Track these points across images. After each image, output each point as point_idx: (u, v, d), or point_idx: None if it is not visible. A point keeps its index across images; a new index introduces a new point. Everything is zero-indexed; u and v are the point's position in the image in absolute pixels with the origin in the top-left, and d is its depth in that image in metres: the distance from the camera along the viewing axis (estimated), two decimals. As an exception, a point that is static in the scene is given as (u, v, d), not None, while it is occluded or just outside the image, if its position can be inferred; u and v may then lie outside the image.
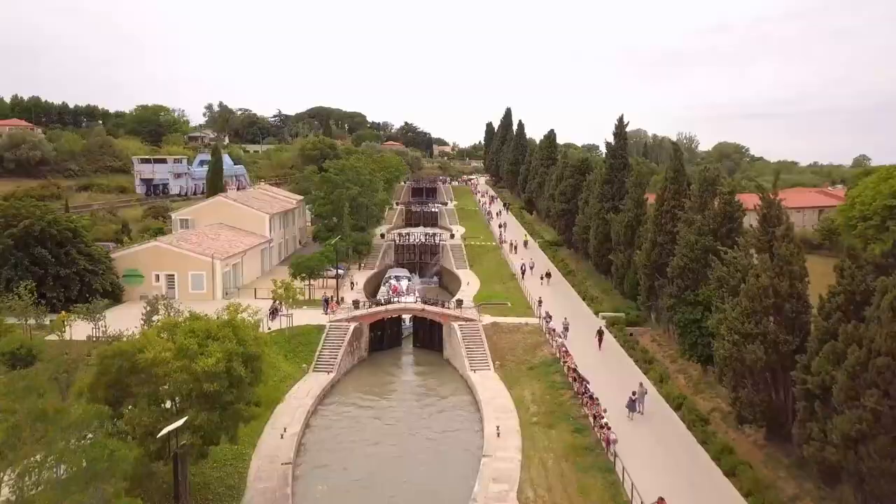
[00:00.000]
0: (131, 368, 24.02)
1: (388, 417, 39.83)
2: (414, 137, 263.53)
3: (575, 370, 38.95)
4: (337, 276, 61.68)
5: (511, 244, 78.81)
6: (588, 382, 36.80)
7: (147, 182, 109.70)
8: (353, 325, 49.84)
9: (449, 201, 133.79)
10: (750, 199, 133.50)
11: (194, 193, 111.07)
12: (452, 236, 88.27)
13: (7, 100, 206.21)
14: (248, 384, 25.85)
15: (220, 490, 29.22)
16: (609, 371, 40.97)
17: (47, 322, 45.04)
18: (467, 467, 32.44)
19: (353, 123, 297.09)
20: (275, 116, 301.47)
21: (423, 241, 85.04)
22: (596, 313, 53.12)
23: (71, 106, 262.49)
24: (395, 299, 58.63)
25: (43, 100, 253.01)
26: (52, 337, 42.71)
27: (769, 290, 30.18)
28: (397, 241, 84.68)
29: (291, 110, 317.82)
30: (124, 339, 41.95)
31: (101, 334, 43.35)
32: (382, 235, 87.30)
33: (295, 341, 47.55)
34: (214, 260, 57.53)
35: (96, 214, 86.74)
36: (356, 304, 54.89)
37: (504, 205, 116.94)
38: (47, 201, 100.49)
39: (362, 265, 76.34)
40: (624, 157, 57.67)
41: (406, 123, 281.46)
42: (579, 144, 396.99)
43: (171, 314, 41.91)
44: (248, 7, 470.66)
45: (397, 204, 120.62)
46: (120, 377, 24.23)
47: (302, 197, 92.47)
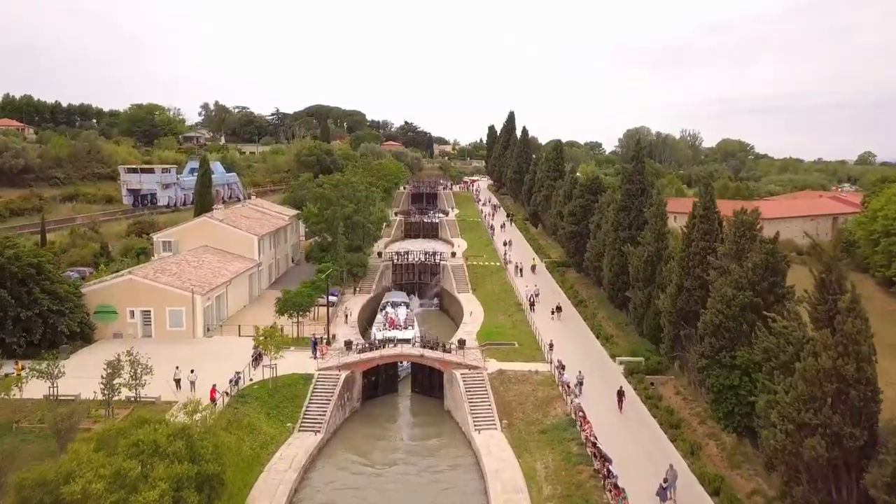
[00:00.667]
0: None
1: (381, 495, 35.06)
2: (414, 137, 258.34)
3: (595, 444, 34.13)
4: (328, 305, 56.89)
5: (517, 266, 73.91)
6: (610, 462, 31.99)
7: (134, 192, 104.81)
8: (344, 374, 45.02)
9: (450, 209, 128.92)
10: (768, 208, 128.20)
11: (184, 204, 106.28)
12: (454, 254, 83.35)
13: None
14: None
15: None
16: (633, 440, 36.17)
17: (3, 376, 40.28)
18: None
19: (352, 122, 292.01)
20: (273, 115, 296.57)
21: (423, 260, 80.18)
22: (612, 356, 48.32)
23: (64, 105, 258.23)
24: (392, 335, 53.94)
25: (35, 99, 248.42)
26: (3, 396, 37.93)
27: (831, 374, 25.41)
28: (395, 261, 79.80)
29: (290, 108, 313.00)
30: (78, 402, 37.71)
31: (59, 393, 38.65)
32: (379, 254, 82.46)
33: (279, 395, 42.74)
34: (195, 295, 52.68)
35: (76, 231, 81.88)
36: (348, 345, 50.12)
37: (507, 215, 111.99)
38: (27, 214, 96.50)
39: (357, 289, 71.50)
40: (642, 182, 52.72)
41: (406, 123, 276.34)
42: (582, 142, 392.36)
43: (136, 373, 37.22)
44: (248, 5, 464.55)
45: (396, 214, 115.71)
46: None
47: (295, 212, 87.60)
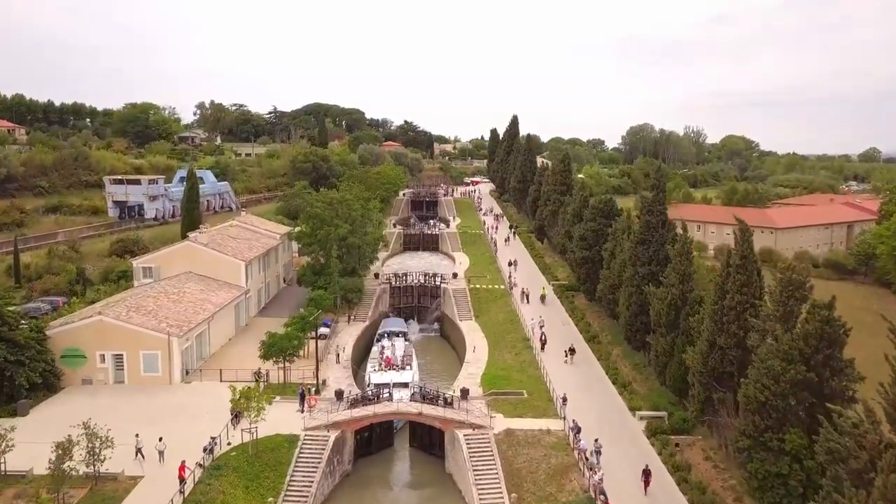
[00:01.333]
0: None
1: None
2: (414, 137, 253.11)
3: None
4: (319, 340, 52.14)
5: (523, 292, 69.05)
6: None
7: (120, 204, 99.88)
8: (333, 435, 40.29)
9: (451, 218, 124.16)
10: (781, 216, 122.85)
11: (172, 216, 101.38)
12: (455, 275, 78.48)
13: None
14: None
15: None
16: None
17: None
18: None
19: (351, 120, 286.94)
20: (270, 113, 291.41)
21: (423, 282, 75.43)
22: (632, 410, 43.58)
23: (57, 104, 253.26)
24: (387, 378, 49.28)
25: (28, 98, 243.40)
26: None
27: (922, 498, 20.68)
28: (393, 283, 75.04)
29: (288, 107, 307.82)
30: (29, 479, 33.07)
31: (6, 468, 33.96)
32: (376, 275, 77.62)
33: (260, 462, 37.98)
34: (171, 338, 47.93)
35: (54, 251, 77.04)
36: (339, 395, 45.43)
37: (511, 227, 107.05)
38: (7, 230, 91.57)
39: (352, 317, 66.73)
40: (663, 213, 47.82)
41: (406, 122, 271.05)
42: (584, 140, 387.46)
43: (95, 449, 32.50)
44: (247, 3, 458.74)
45: (395, 225, 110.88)
46: None
47: (288, 230, 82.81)
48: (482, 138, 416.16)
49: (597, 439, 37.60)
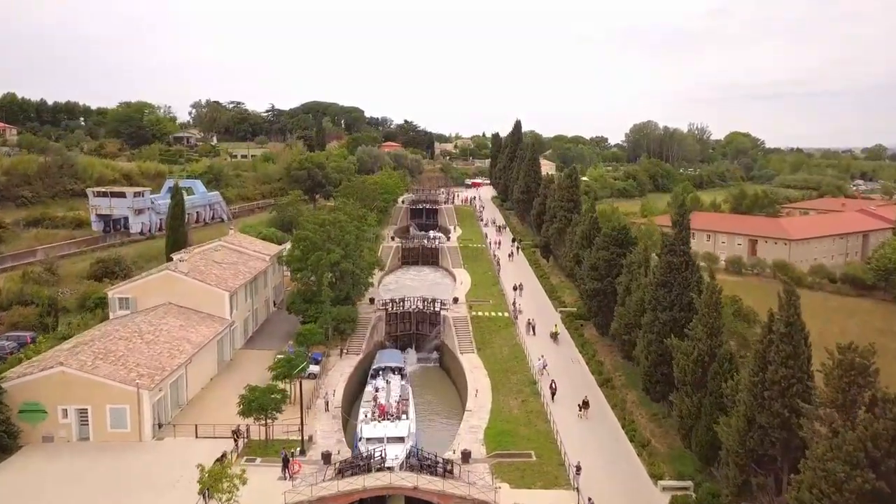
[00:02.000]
0: None
1: None
2: (414, 137, 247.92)
3: None
4: (303, 392, 47.48)
5: (529, 323, 64.30)
6: None
7: (104, 218, 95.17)
8: (318, 513, 35.67)
9: (451, 227, 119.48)
10: (795, 226, 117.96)
11: (159, 230, 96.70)
12: (456, 300, 73.70)
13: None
14: None
15: None
16: None
17: None
18: None
19: (351, 119, 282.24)
20: (268, 111, 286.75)
21: (421, 307, 70.69)
22: (653, 477, 38.92)
23: (50, 103, 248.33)
24: (380, 432, 44.73)
25: (20, 97, 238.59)
26: None
27: None
28: (389, 310, 70.30)
29: (286, 105, 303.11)
30: None
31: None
32: (372, 300, 72.86)
33: (233, 550, 33.40)
34: (141, 391, 43.27)
35: (29, 274, 72.36)
36: (326, 458, 40.83)
37: (514, 241, 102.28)
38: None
39: (345, 350, 62.04)
40: (686, 253, 43.03)
41: (406, 122, 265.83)
42: (587, 137, 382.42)
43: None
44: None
45: (393, 238, 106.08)
46: None
47: (279, 248, 78.11)
48: (483, 135, 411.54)
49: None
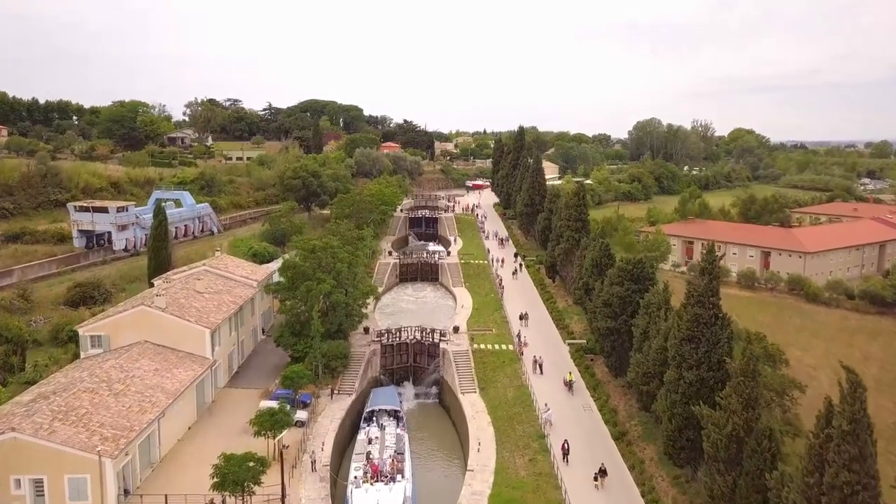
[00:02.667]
0: None
1: None
2: (414, 137, 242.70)
3: None
4: (282, 449, 42.92)
5: (536, 361, 59.45)
6: None
7: (87, 234, 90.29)
8: None
9: (452, 239, 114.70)
10: (810, 238, 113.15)
11: (144, 246, 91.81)
12: (456, 329, 68.86)
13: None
14: None
15: None
16: None
17: None
18: None
19: (349, 117, 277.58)
20: (265, 109, 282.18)
21: (419, 338, 65.93)
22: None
23: (42, 102, 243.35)
24: (373, 497, 40.34)
25: (10, 96, 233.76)
26: None
27: None
28: (385, 341, 65.51)
29: (284, 103, 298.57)
30: None
31: None
32: (366, 330, 68.07)
33: None
34: (103, 459, 38.55)
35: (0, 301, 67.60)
36: (311, 540, 36.20)
37: (517, 257, 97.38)
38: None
39: (337, 390, 57.33)
40: (716, 305, 38.16)
41: (405, 121, 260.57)
42: (590, 135, 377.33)
43: None
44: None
45: (391, 252, 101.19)
46: None
47: (269, 272, 73.27)
48: (484, 132, 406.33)
49: None
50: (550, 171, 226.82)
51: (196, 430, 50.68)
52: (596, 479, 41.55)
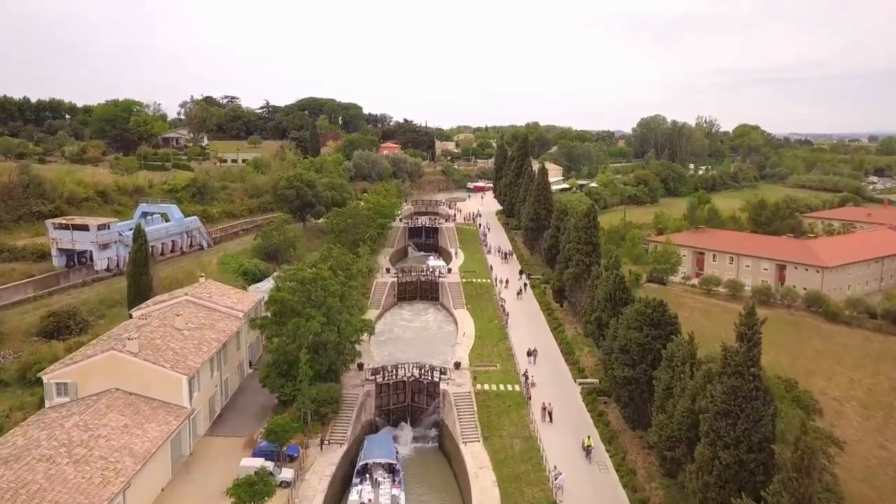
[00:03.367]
0: None
1: None
2: (414, 137, 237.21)
3: None
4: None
5: (545, 409, 54.42)
6: None
7: (66, 252, 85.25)
8: None
9: (453, 251, 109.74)
10: (827, 250, 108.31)
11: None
12: (458, 365, 63.87)
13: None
14: None
15: None
16: None
17: None
18: None
19: (348, 116, 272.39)
20: (262, 108, 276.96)
21: (417, 376, 61.07)
22: None
23: (33, 101, 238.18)
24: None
25: (1, 95, 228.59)
26: None
27: None
28: (380, 380, 60.59)
29: (282, 101, 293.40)
30: None
31: None
32: (360, 366, 63.13)
33: None
34: (52, 552, 33.70)
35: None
36: None
37: (522, 274, 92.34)
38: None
39: (327, 439, 52.39)
40: (757, 377, 33.15)
41: (406, 121, 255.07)
42: (594, 131, 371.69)
43: None
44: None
45: (388, 271, 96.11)
46: None
47: (256, 300, 68.25)
48: (486, 129, 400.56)
49: None
50: (554, 173, 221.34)
51: (171, 491, 45.85)
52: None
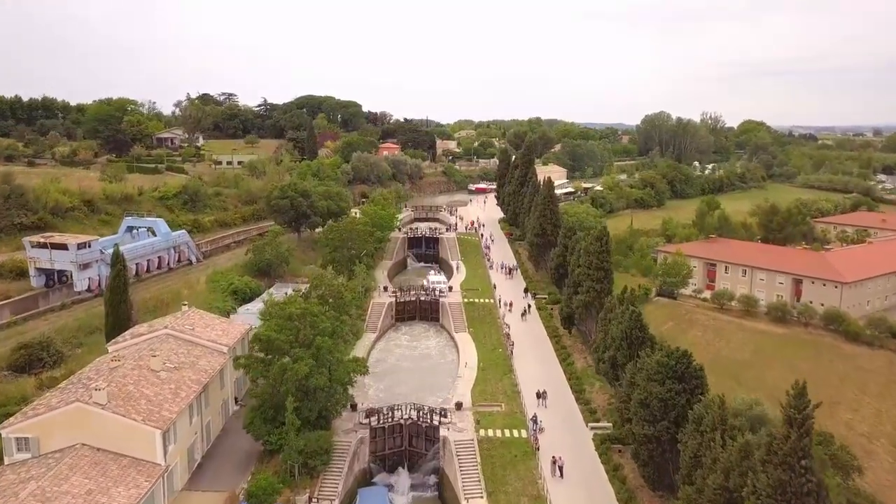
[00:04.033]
0: None
1: None
2: (415, 137, 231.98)
3: None
4: None
5: (555, 462, 49.64)
6: None
7: (45, 272, 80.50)
8: None
9: (454, 265, 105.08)
10: (845, 263, 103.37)
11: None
12: (459, 406, 58.99)
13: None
14: None
15: None
16: None
17: None
18: None
19: (347, 114, 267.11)
20: (260, 105, 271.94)
21: (415, 418, 56.39)
22: None
23: (25, 100, 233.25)
24: None
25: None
26: None
27: None
28: (374, 424, 55.89)
29: (280, 99, 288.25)
30: None
31: None
32: (353, 406, 58.38)
33: None
34: None
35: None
36: None
37: (527, 294, 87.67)
38: None
39: (316, 497, 47.72)
40: (809, 469, 28.32)
41: (406, 120, 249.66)
42: (597, 125, 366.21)
43: None
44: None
45: (385, 289, 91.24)
46: None
47: (243, 331, 63.49)
48: (488, 126, 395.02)
49: None
50: (558, 175, 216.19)
51: (139, 563, 41.24)
52: None
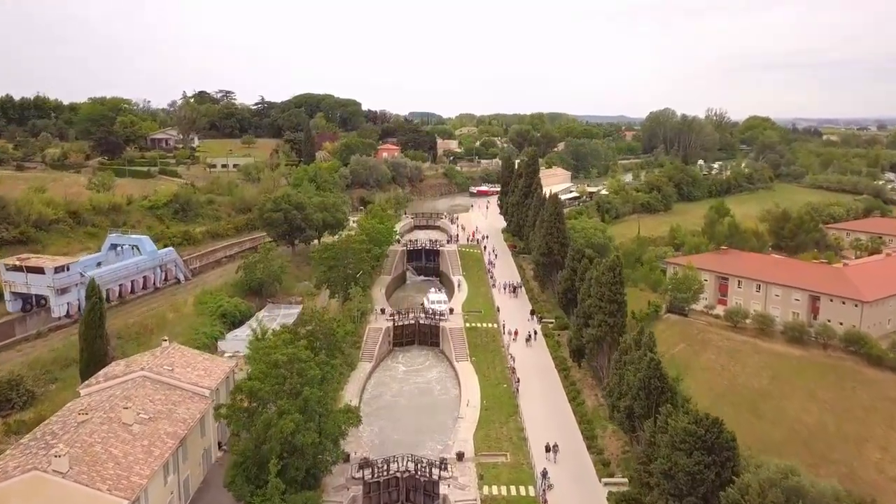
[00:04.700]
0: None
1: None
2: (415, 137, 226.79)
3: None
4: None
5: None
6: None
7: (21, 297, 75.82)
8: None
9: (456, 281, 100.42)
10: (862, 278, 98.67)
11: (91, 310, 77.37)
12: (461, 456, 54.25)
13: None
14: None
15: None
16: None
17: None
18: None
19: (347, 113, 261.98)
20: (257, 104, 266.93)
21: (412, 471, 51.79)
22: None
23: (17, 99, 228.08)
24: None
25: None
26: None
27: None
28: (368, 478, 51.23)
29: (278, 97, 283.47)
30: None
31: None
32: (347, 458, 53.65)
33: None
34: None
35: None
36: None
37: (533, 316, 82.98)
38: None
39: (303, 569, 43.22)
40: None
41: (406, 120, 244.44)
42: (600, 118, 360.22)
43: None
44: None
45: (382, 311, 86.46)
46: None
47: (228, 367, 58.85)
48: (489, 122, 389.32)
49: None
50: (562, 178, 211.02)
51: None
52: None
